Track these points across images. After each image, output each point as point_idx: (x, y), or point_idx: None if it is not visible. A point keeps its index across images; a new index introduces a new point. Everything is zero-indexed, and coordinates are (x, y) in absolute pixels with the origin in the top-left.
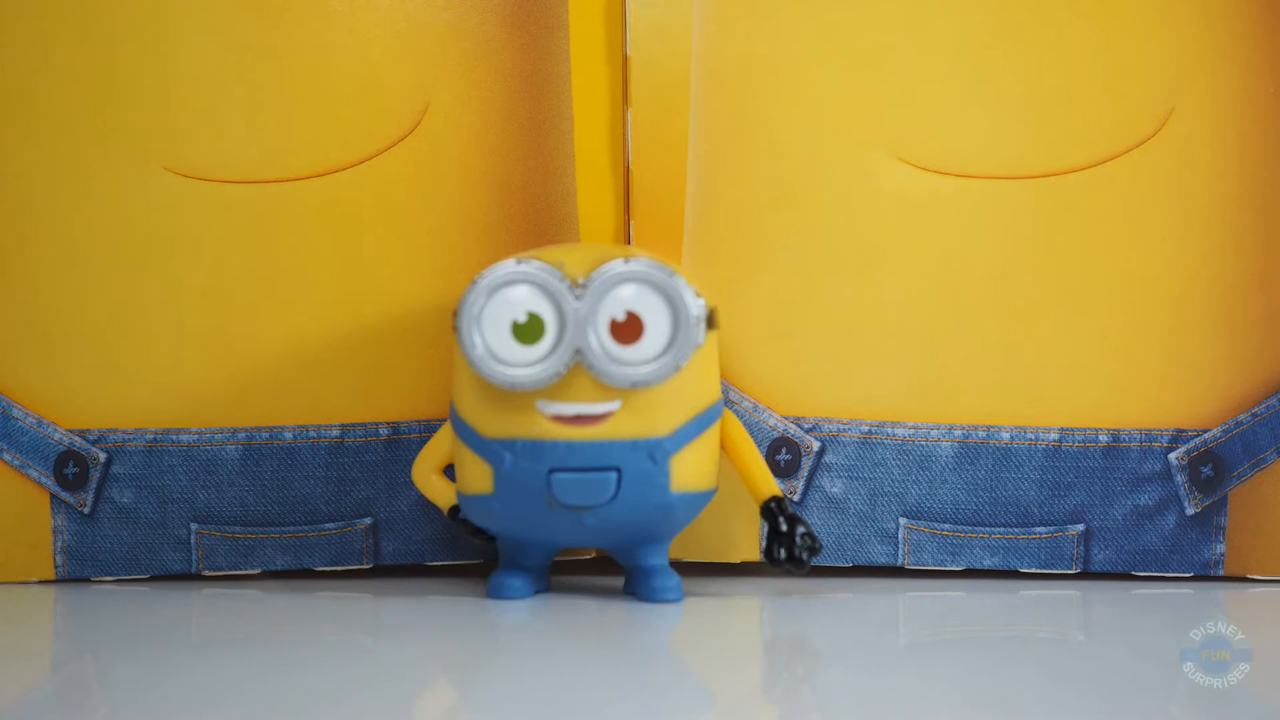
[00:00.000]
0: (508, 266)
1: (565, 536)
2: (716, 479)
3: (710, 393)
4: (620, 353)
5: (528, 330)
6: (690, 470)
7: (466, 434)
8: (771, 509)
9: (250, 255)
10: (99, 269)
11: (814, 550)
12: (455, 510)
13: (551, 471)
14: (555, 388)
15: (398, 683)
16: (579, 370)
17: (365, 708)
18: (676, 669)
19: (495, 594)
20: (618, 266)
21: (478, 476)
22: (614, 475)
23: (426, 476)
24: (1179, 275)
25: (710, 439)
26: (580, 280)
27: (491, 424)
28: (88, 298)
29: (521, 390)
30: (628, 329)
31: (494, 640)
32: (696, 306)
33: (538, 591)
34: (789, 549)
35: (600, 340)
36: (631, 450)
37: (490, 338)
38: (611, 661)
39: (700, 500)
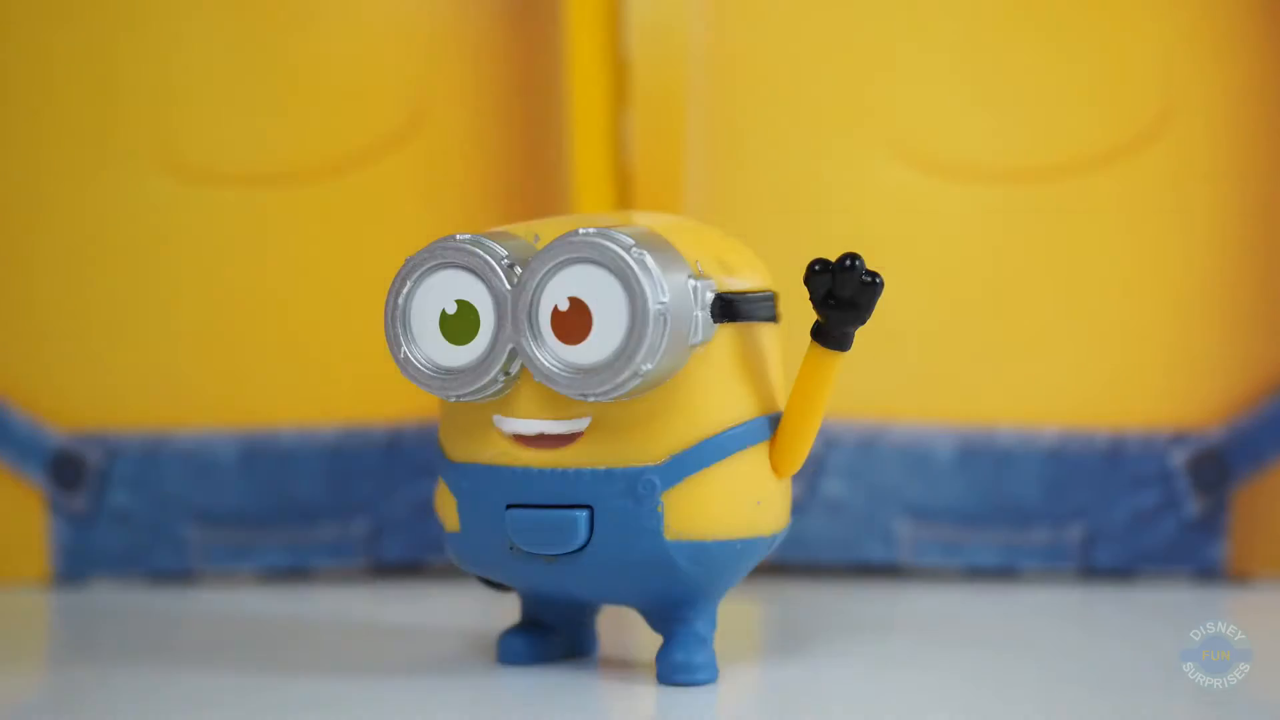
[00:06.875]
0: (441, 243)
1: (557, 590)
2: (756, 520)
3: (735, 408)
4: (564, 353)
5: (458, 324)
6: (698, 512)
7: (437, 457)
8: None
9: (248, 255)
10: (96, 269)
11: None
12: None
13: (508, 508)
14: (510, 398)
15: (396, 685)
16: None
17: (363, 710)
18: None
19: (500, 657)
20: (568, 237)
21: (447, 511)
22: (583, 515)
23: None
24: (1180, 274)
25: (736, 470)
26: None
27: (456, 444)
28: (85, 297)
29: (466, 401)
30: (570, 321)
31: (493, 642)
32: (671, 293)
33: (567, 655)
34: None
35: (542, 336)
36: (605, 482)
37: (418, 334)
38: (605, 659)
39: (723, 553)
